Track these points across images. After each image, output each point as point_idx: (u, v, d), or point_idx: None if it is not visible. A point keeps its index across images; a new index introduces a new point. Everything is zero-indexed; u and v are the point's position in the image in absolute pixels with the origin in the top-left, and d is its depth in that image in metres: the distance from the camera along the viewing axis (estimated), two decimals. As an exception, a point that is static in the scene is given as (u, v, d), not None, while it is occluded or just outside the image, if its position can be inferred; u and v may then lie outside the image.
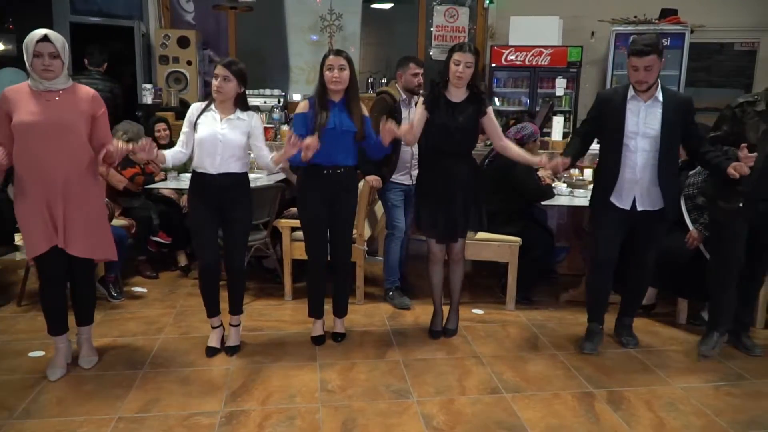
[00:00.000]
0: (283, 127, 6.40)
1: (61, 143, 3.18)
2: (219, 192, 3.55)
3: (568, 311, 4.58)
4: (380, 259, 5.14)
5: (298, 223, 4.09)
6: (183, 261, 5.41)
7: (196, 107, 3.62)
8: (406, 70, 4.51)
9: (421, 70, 4.55)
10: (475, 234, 4.07)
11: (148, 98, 7.37)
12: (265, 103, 7.59)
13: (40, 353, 3.72)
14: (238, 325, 3.86)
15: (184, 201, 5.36)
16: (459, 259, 4.05)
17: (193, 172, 3.63)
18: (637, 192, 3.69)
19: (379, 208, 5.04)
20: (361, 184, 4.49)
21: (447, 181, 3.79)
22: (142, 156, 3.33)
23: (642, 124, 3.61)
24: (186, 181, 5.03)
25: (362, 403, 3.22)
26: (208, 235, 3.62)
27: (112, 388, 3.32)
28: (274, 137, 6.29)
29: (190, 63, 7.68)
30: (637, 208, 3.71)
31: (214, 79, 3.49)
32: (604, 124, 3.75)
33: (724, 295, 3.85)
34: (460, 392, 3.37)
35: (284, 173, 4.66)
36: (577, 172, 5.45)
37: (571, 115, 7.70)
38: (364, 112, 3.76)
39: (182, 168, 5.13)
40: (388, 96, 4.54)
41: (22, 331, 4.09)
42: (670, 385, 3.50)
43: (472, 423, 3.06)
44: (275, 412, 3.11)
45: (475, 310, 4.61)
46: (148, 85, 7.50)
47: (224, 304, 3.80)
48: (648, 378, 3.58)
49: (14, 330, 4.08)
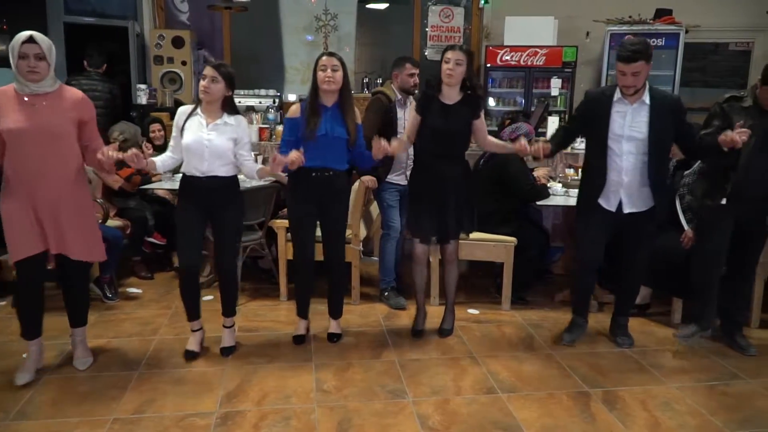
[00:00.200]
0: (279, 128, 6.38)
1: (50, 149, 3.14)
2: (207, 194, 3.53)
3: (564, 311, 4.57)
4: (376, 259, 5.14)
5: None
6: (176, 262, 5.39)
7: (182, 111, 3.58)
8: (402, 70, 4.51)
9: (417, 71, 4.55)
10: (468, 235, 4.07)
11: (143, 98, 7.35)
12: (260, 103, 7.58)
13: (35, 354, 3.70)
14: (232, 327, 3.85)
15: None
16: (453, 260, 4.04)
17: (183, 174, 3.61)
18: (623, 194, 3.70)
19: (375, 209, 5.04)
20: (357, 184, 4.50)
21: (439, 183, 3.78)
22: (133, 165, 3.26)
23: (628, 127, 3.61)
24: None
25: (358, 404, 3.22)
26: (191, 237, 3.58)
27: (108, 389, 3.31)
28: (270, 137, 6.27)
29: (184, 63, 7.66)
30: (624, 211, 3.71)
31: (202, 80, 3.46)
32: (590, 125, 3.75)
33: (707, 292, 3.87)
34: (455, 392, 3.37)
35: (273, 176, 4.64)
36: (572, 172, 5.46)
37: (566, 115, 7.69)
38: (358, 119, 3.74)
39: (177, 169, 5.11)
40: (384, 96, 4.54)
41: (17, 332, 4.04)
42: (665, 384, 3.50)
43: (467, 423, 3.06)
44: (271, 413, 3.11)
45: (471, 310, 4.61)
46: (143, 86, 7.48)
47: (217, 305, 3.81)
48: (643, 377, 3.59)
49: (9, 331, 4.06)
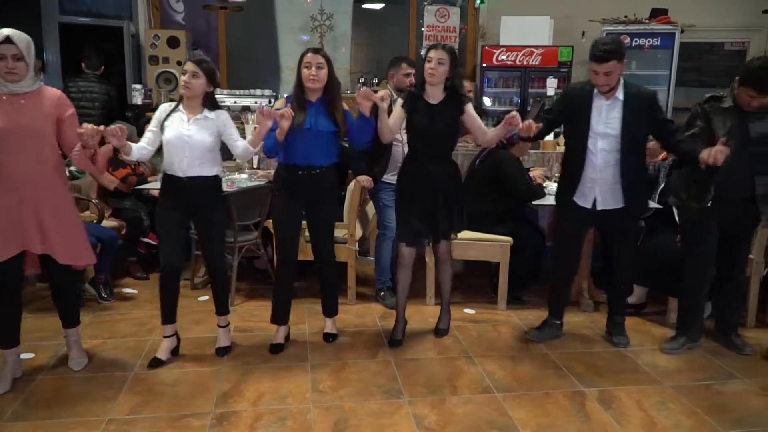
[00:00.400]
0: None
1: (29, 148, 3.08)
2: (189, 196, 3.47)
3: (560, 311, 4.58)
4: (372, 259, 5.14)
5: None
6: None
7: (164, 107, 3.54)
8: (399, 70, 4.51)
9: (413, 70, 4.55)
10: (456, 234, 4.01)
11: (138, 99, 7.33)
12: (256, 103, 7.54)
13: (30, 355, 3.69)
14: (226, 326, 3.83)
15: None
16: (446, 259, 4.02)
17: (164, 174, 3.55)
18: (597, 191, 3.70)
19: (371, 208, 5.04)
20: (353, 183, 4.50)
21: (427, 183, 3.73)
22: (112, 141, 3.11)
23: (602, 123, 3.60)
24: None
25: (354, 404, 3.22)
26: (172, 238, 3.54)
27: (103, 390, 3.31)
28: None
29: (180, 63, 7.63)
30: (598, 207, 3.72)
31: (183, 75, 3.43)
32: (570, 120, 3.74)
33: (696, 298, 3.88)
34: (451, 392, 3.37)
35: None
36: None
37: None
38: (345, 106, 3.68)
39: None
40: (380, 96, 4.53)
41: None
42: (661, 384, 3.51)
43: (463, 423, 3.06)
44: (266, 413, 3.11)
45: (467, 310, 4.61)
46: (138, 86, 7.47)
47: (213, 306, 3.80)
48: (639, 377, 3.59)
49: None
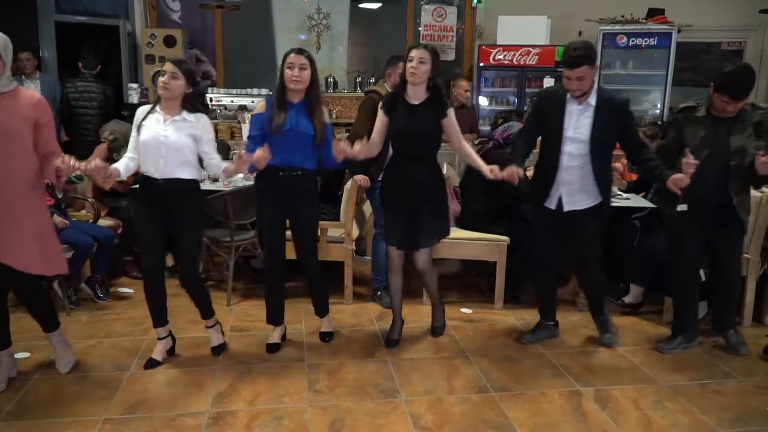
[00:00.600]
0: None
1: (3, 150, 2.99)
2: (164, 199, 3.39)
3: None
4: (368, 258, 5.13)
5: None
6: (169, 261, 5.37)
7: (141, 110, 3.46)
8: (396, 69, 4.50)
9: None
10: (438, 241, 3.92)
11: (134, 98, 7.32)
12: (253, 102, 7.55)
13: (26, 354, 3.69)
14: (214, 325, 3.79)
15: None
16: (427, 270, 3.90)
17: (140, 175, 3.47)
18: (563, 192, 3.67)
19: (368, 208, 5.03)
20: (350, 183, 4.49)
21: (408, 186, 3.65)
22: (96, 180, 3.10)
23: (572, 128, 3.56)
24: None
25: (350, 403, 3.21)
26: (152, 241, 3.47)
27: (98, 389, 3.30)
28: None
29: (176, 62, 7.62)
30: (564, 209, 3.69)
31: (161, 76, 3.35)
32: (545, 124, 3.69)
33: (685, 298, 3.86)
34: (448, 391, 3.37)
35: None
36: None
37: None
38: (325, 118, 3.61)
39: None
40: (377, 95, 4.53)
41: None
42: (657, 383, 3.51)
43: (460, 422, 3.06)
44: (263, 413, 3.10)
45: (464, 310, 4.61)
46: (134, 85, 7.46)
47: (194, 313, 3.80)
48: (635, 376, 3.59)
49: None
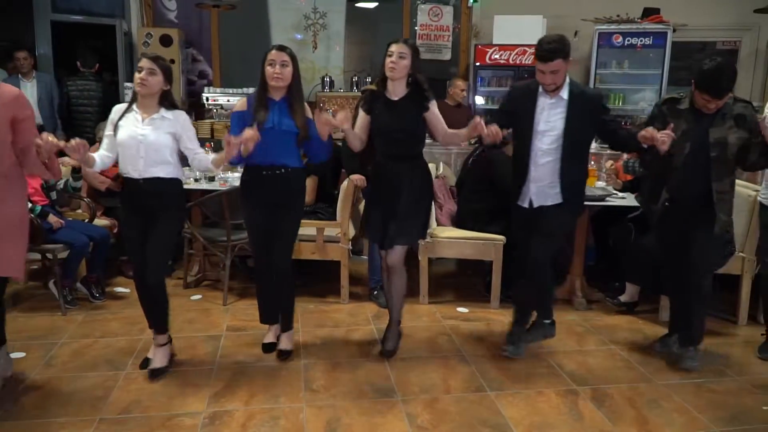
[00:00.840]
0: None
1: None
2: (145, 199, 3.30)
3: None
4: (365, 258, 5.13)
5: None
6: (166, 261, 5.37)
7: (117, 108, 3.39)
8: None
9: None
10: (411, 244, 3.82)
11: (131, 97, 7.30)
12: (249, 101, 7.55)
13: (21, 354, 3.68)
14: (165, 345, 3.52)
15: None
16: (396, 270, 3.71)
17: (122, 177, 3.39)
18: (533, 189, 3.58)
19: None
20: (346, 182, 4.49)
21: (389, 184, 3.56)
22: (73, 156, 3.00)
23: (543, 122, 3.49)
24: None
25: (346, 403, 3.21)
26: (135, 247, 3.37)
27: (94, 389, 3.30)
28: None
29: (173, 62, 7.57)
30: (534, 205, 3.61)
31: (138, 72, 3.28)
32: (517, 120, 3.59)
33: (675, 298, 3.85)
34: (444, 391, 3.37)
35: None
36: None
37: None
38: (308, 114, 3.52)
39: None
40: (373, 94, 4.52)
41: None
42: (653, 382, 3.52)
43: (456, 421, 3.06)
44: (259, 413, 3.10)
45: (460, 309, 4.61)
46: (130, 84, 7.41)
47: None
48: (631, 375, 3.60)
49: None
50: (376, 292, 4.71)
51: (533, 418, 3.10)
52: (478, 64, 7.70)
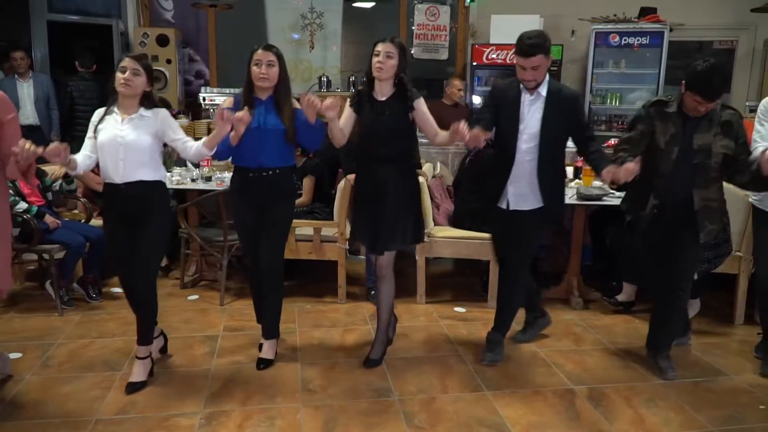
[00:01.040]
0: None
1: None
2: (129, 204, 3.19)
3: (549, 308, 4.57)
4: (362, 258, 5.14)
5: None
6: (163, 261, 5.37)
7: (99, 111, 3.28)
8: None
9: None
10: (405, 246, 3.71)
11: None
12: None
13: (18, 355, 3.67)
14: (146, 358, 3.37)
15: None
16: (384, 276, 3.60)
17: (104, 183, 3.27)
18: (510, 190, 3.50)
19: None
20: (343, 182, 4.49)
21: (375, 187, 3.46)
22: (55, 161, 2.92)
23: (523, 120, 3.41)
24: (165, 180, 4.99)
25: (343, 403, 3.21)
26: (119, 257, 3.28)
27: (91, 390, 3.29)
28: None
29: (169, 62, 7.61)
30: (510, 208, 3.53)
31: (121, 72, 3.14)
32: (499, 118, 3.49)
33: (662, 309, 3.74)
34: (441, 390, 3.37)
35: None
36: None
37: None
38: (296, 105, 3.42)
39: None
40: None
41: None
42: (650, 381, 3.52)
43: (453, 421, 3.06)
44: (256, 413, 3.10)
45: (457, 308, 4.61)
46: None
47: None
48: (627, 374, 3.60)
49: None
50: (373, 292, 4.69)
51: (530, 418, 3.10)
52: (475, 63, 7.70)
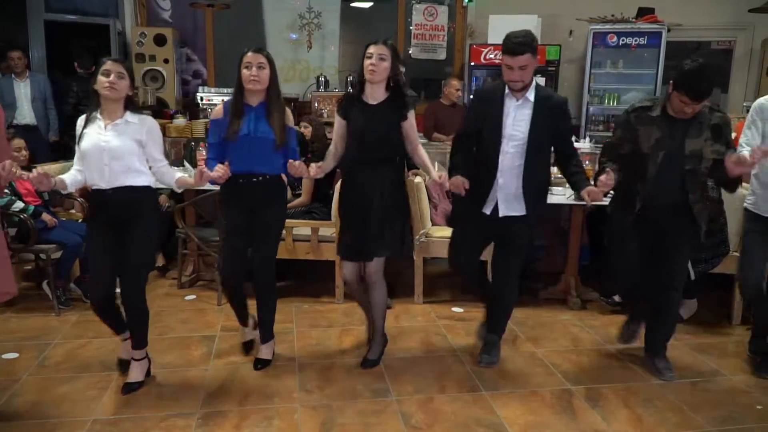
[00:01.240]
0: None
1: None
2: (116, 210, 3.11)
3: (547, 309, 4.60)
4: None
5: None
6: (160, 261, 5.36)
7: (81, 119, 3.18)
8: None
9: (404, 69, 4.51)
10: (395, 254, 3.58)
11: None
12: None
13: (14, 355, 3.67)
14: (142, 360, 3.37)
15: (162, 201, 5.32)
16: (374, 282, 3.55)
17: (90, 190, 3.20)
18: (500, 197, 3.42)
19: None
20: (340, 182, 4.48)
21: (362, 193, 3.40)
22: (40, 188, 2.83)
23: (510, 125, 3.34)
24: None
25: (341, 403, 3.21)
26: (101, 267, 3.19)
27: (87, 390, 3.29)
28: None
29: (167, 61, 7.61)
30: (499, 214, 3.44)
31: (105, 76, 3.07)
32: (483, 123, 3.42)
33: (638, 313, 3.78)
34: (439, 390, 3.37)
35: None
36: (555, 170, 5.45)
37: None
38: (289, 121, 3.41)
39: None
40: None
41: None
42: (647, 381, 3.52)
43: (451, 421, 3.06)
44: (253, 413, 3.09)
45: (455, 308, 4.61)
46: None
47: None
48: (625, 374, 3.61)
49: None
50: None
51: (528, 418, 3.10)
52: (473, 63, 7.71)
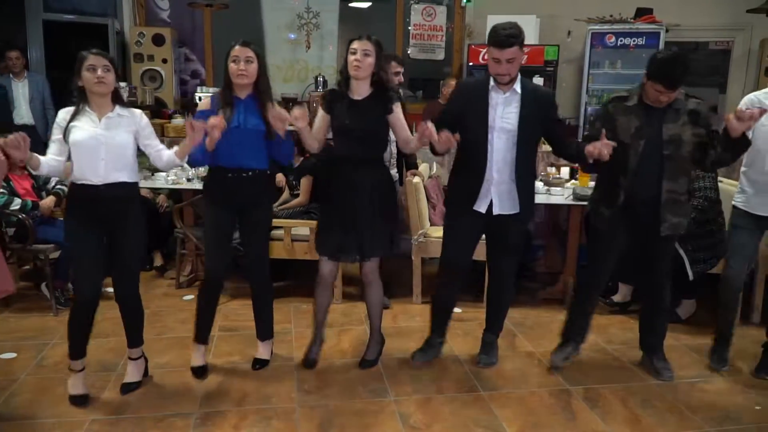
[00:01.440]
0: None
1: None
2: (106, 207, 3.04)
3: (545, 309, 4.60)
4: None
5: (273, 222, 3.82)
6: (159, 261, 5.37)
7: (65, 111, 3.07)
8: (387, 68, 4.48)
9: (402, 69, 4.53)
10: (388, 253, 3.59)
11: (123, 97, 7.29)
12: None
13: (12, 355, 3.67)
14: (138, 359, 3.38)
15: (161, 200, 5.32)
16: (371, 281, 3.57)
17: (72, 185, 3.10)
18: (494, 193, 3.38)
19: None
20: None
21: (348, 192, 3.35)
22: (14, 154, 2.73)
23: (499, 118, 3.29)
24: (161, 179, 4.99)
25: (339, 403, 3.21)
26: (88, 265, 3.09)
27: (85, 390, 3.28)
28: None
29: (165, 61, 7.61)
30: (494, 212, 3.40)
31: (92, 71, 2.98)
32: (467, 117, 3.35)
33: (582, 306, 3.72)
34: (437, 391, 3.37)
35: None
36: (554, 170, 5.47)
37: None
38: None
39: (155, 167, 5.07)
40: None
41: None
42: (646, 381, 3.52)
43: (449, 421, 3.06)
44: (251, 413, 3.09)
45: (454, 309, 4.59)
46: (123, 84, 7.40)
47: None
48: (624, 375, 3.61)
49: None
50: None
51: (526, 418, 3.10)
52: (471, 63, 7.69)
